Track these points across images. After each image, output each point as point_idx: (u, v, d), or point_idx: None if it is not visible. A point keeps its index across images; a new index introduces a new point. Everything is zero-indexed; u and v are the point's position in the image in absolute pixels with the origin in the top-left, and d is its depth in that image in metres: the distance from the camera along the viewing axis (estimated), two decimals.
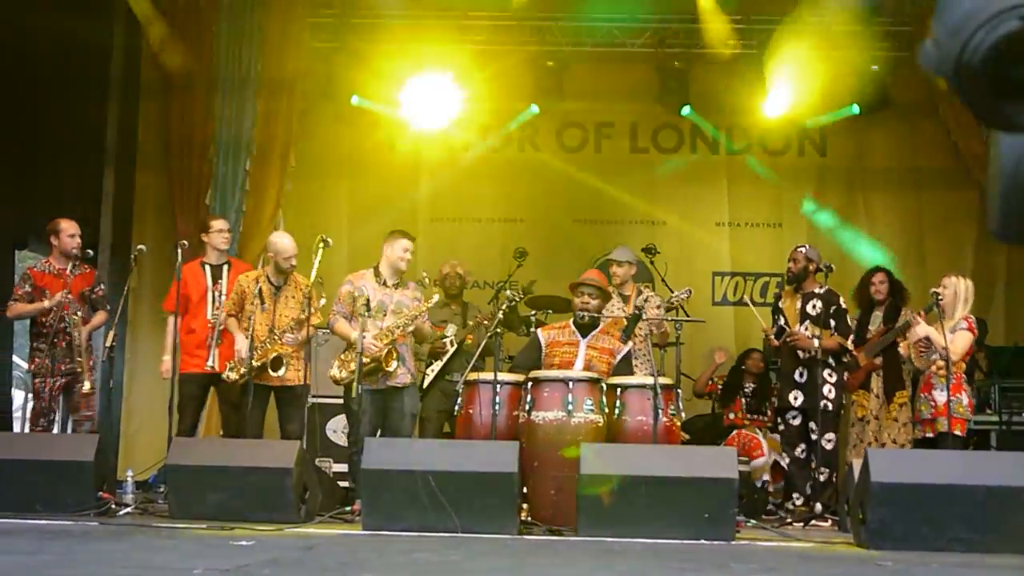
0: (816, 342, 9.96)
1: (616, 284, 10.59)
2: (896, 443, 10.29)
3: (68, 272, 10.02)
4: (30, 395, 10.20)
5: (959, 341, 9.54)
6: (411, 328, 9.35)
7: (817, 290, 10.26)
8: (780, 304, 10.50)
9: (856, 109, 12.80)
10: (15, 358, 14.29)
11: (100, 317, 10.24)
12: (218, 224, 10.44)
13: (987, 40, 1.38)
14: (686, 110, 13.10)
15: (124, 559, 5.93)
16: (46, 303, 9.83)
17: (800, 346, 10.19)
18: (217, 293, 10.10)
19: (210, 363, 9.64)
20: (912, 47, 11.31)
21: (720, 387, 11.81)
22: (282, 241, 9.74)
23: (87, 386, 9.89)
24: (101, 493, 8.50)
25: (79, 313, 9.95)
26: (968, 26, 1.40)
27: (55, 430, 10.00)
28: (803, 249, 10.46)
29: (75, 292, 9.97)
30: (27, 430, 10.07)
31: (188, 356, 9.93)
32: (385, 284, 9.46)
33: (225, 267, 10.28)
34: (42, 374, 9.88)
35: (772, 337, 10.50)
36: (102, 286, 10.39)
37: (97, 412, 10.35)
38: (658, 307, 10.44)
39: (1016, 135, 1.53)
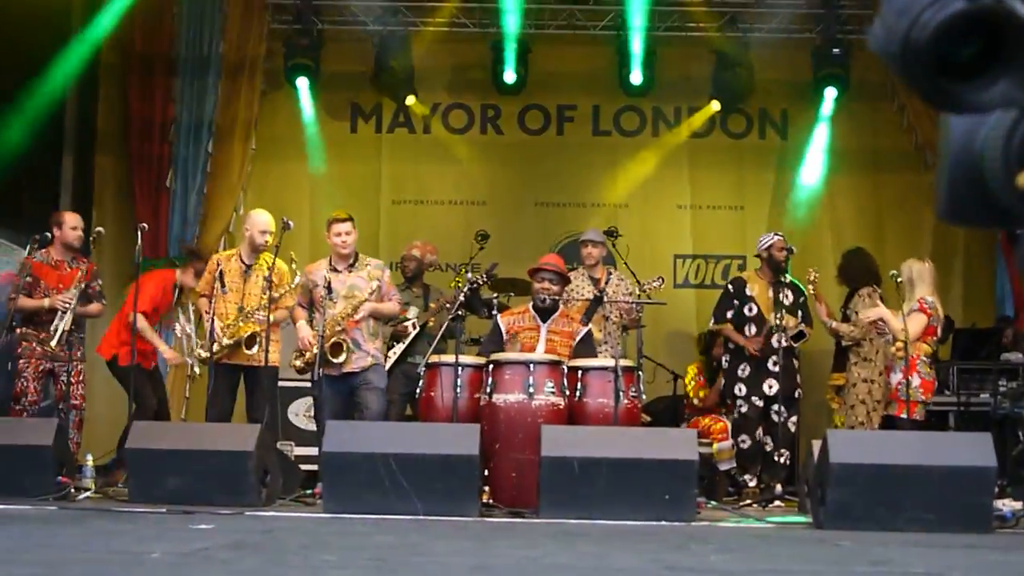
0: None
1: (589, 264, 10.66)
2: (842, 425, 10.42)
3: (67, 264, 10.04)
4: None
5: (911, 324, 9.64)
6: (362, 313, 9.29)
7: (783, 279, 10.29)
8: (747, 291, 10.48)
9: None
10: None
11: (95, 307, 10.26)
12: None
13: (934, 20, 1.39)
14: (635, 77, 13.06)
15: (83, 544, 5.90)
16: (46, 303, 9.84)
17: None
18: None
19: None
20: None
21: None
22: (260, 216, 9.87)
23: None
24: (60, 477, 8.45)
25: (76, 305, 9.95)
26: (915, 6, 1.41)
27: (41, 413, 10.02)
28: (781, 238, 10.45)
29: (68, 284, 9.96)
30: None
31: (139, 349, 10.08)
32: (335, 270, 9.44)
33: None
34: (26, 355, 9.88)
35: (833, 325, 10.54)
36: (99, 281, 10.38)
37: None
38: (627, 293, 10.49)
39: (963, 116, 1.54)
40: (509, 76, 13.00)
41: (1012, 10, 1.38)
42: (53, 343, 9.78)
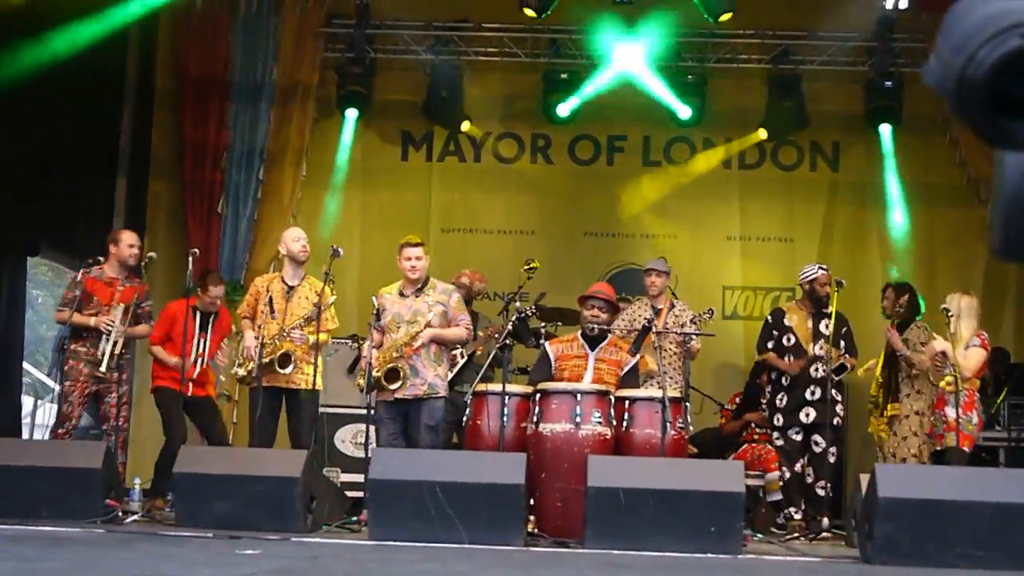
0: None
1: (653, 295, 10.74)
2: (895, 457, 10.31)
3: (120, 282, 10.08)
4: (54, 397, 10.20)
5: (971, 358, 9.58)
6: (421, 341, 9.27)
7: (826, 310, 10.22)
8: (786, 321, 10.44)
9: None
10: (25, 364, 14.32)
11: (143, 328, 10.27)
12: (215, 291, 10.53)
13: (990, 57, 1.39)
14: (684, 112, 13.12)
15: (130, 567, 5.94)
16: (91, 321, 9.88)
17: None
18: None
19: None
20: (924, 63, 11.35)
21: (738, 402, 11.87)
22: (290, 230, 10.11)
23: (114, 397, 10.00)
24: (108, 500, 8.50)
25: (121, 324, 10.00)
26: (972, 43, 1.41)
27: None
28: (826, 271, 10.39)
29: (122, 303, 10.01)
30: (45, 435, 10.11)
31: (166, 374, 10.31)
32: (402, 295, 9.44)
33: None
34: (72, 377, 9.89)
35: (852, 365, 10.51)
36: (150, 302, 10.41)
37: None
38: (688, 321, 10.51)
39: (1019, 154, 1.53)
40: (563, 110, 13.07)
41: None
42: (103, 368, 9.81)
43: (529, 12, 11.91)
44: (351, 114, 12.98)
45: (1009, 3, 1.42)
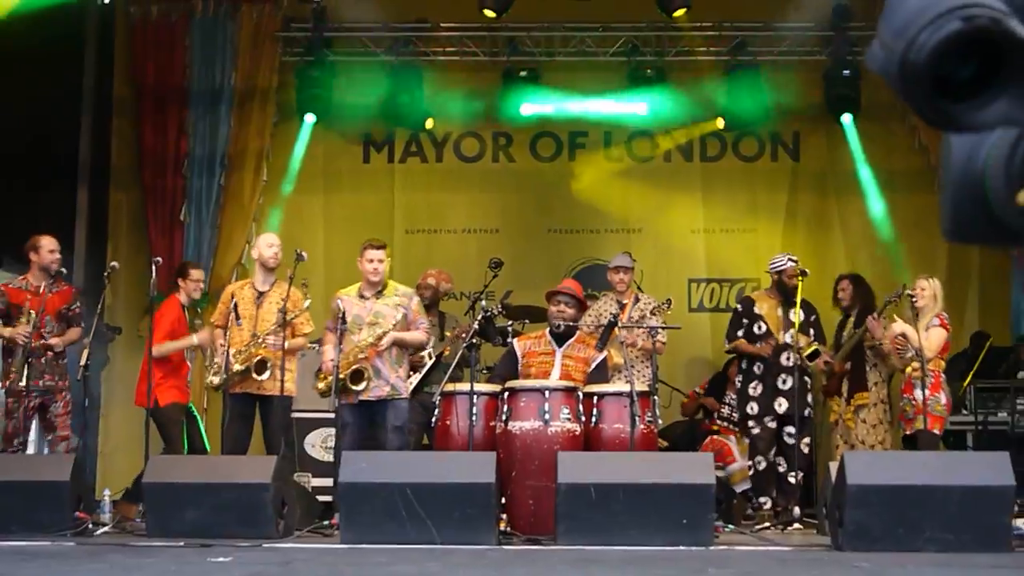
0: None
1: (620, 291, 10.76)
2: (865, 444, 10.37)
3: (45, 290, 9.91)
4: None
5: (933, 338, 9.65)
6: (386, 343, 9.28)
7: (794, 299, 10.25)
8: (756, 310, 10.48)
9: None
10: None
11: (74, 332, 10.13)
12: (197, 274, 10.48)
13: (931, 41, 1.40)
14: (641, 108, 13.16)
15: None
16: (6, 332, 9.78)
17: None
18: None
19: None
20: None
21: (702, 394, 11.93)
22: (264, 236, 10.21)
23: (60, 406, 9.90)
24: (78, 513, 8.45)
25: (54, 331, 9.90)
26: (912, 27, 1.41)
27: (30, 450, 9.96)
28: (795, 263, 10.40)
29: (51, 310, 9.90)
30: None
31: (176, 386, 10.17)
32: (362, 297, 9.43)
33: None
34: (15, 393, 9.74)
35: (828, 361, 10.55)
36: (79, 304, 10.29)
37: (73, 432, 10.28)
38: (653, 312, 10.54)
39: (964, 136, 1.54)
40: (527, 109, 13.08)
41: (1009, 30, 1.38)
42: (22, 383, 9.57)
43: (489, 12, 11.91)
44: (308, 118, 12.92)
45: None
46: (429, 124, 13.35)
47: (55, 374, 9.91)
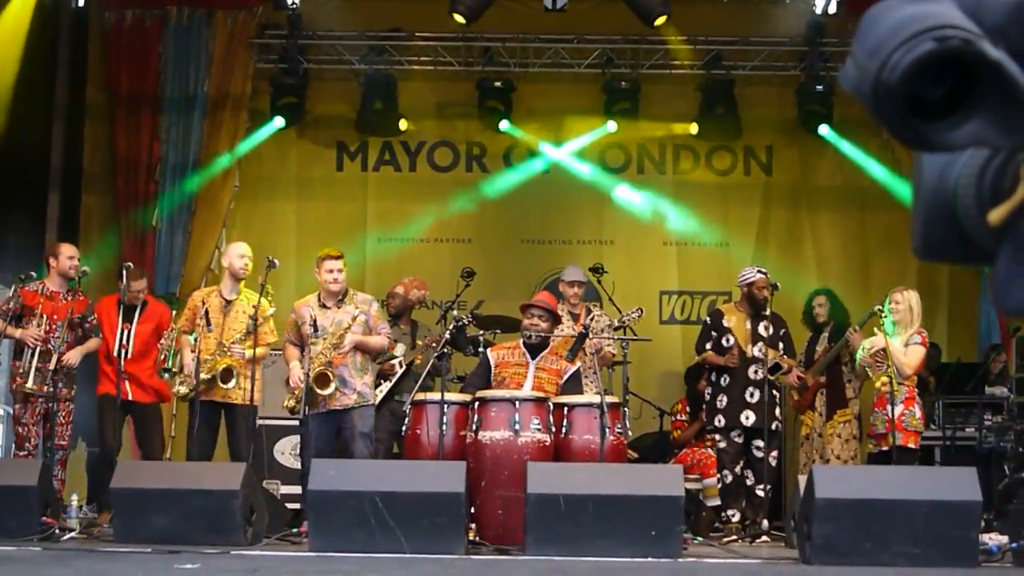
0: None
1: (571, 304, 10.65)
2: (840, 459, 10.42)
3: (61, 296, 9.97)
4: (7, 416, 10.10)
5: (912, 355, 9.68)
6: (348, 346, 9.29)
7: (764, 312, 10.28)
8: (725, 323, 10.49)
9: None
10: None
11: (93, 343, 10.13)
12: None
13: (904, 61, 1.41)
14: (611, 125, 13.17)
15: None
16: (17, 334, 9.78)
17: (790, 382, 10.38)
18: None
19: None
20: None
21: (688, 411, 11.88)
22: (236, 245, 10.14)
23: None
24: (44, 518, 8.41)
25: (65, 339, 9.87)
26: (886, 47, 1.43)
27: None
28: (765, 275, 10.42)
29: (63, 316, 9.89)
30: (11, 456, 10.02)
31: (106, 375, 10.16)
32: (324, 306, 9.45)
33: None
34: (22, 397, 9.79)
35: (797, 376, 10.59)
36: (94, 316, 10.23)
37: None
38: (606, 327, 10.49)
39: (935, 155, 1.56)
40: (504, 125, 13.09)
41: (981, 51, 1.39)
42: (29, 385, 9.66)
43: (459, 18, 11.91)
44: (277, 122, 12.89)
45: (923, 7, 1.44)
46: (404, 125, 13.32)
47: (62, 381, 9.86)
